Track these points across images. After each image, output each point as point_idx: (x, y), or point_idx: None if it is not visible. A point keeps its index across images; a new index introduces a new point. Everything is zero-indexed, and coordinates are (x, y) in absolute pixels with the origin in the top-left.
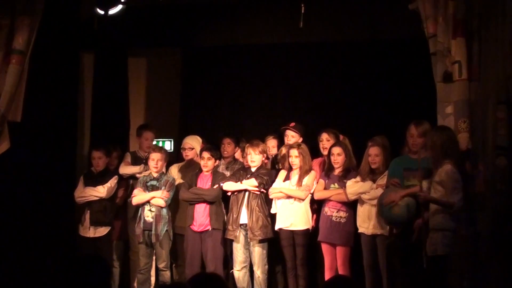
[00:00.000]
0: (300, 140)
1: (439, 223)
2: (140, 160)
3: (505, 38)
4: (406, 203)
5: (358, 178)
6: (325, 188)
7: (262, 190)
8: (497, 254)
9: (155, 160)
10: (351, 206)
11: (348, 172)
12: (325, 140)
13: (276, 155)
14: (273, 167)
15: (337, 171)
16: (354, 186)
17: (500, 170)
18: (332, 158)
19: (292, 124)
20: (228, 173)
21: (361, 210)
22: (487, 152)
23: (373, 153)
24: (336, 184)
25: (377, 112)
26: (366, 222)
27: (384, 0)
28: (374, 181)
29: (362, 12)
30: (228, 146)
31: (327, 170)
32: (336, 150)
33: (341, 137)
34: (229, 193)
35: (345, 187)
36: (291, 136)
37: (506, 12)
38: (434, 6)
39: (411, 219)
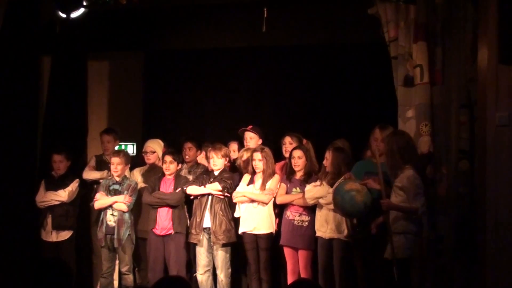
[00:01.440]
0: (260, 142)
1: (401, 227)
2: (105, 163)
3: (466, 42)
4: (367, 194)
5: (318, 182)
6: (287, 192)
7: (226, 194)
8: (459, 257)
9: (115, 164)
10: (313, 210)
11: (310, 176)
12: (288, 144)
13: (235, 159)
14: (233, 171)
15: (298, 175)
16: (312, 191)
17: (462, 174)
18: (292, 161)
19: (250, 126)
20: (190, 177)
21: (319, 214)
22: (450, 156)
23: (325, 156)
24: (298, 188)
25: (339, 116)
26: (324, 226)
27: (345, 4)
28: (332, 185)
29: (324, 16)
30: (189, 151)
31: (288, 173)
32: (297, 153)
33: (304, 141)
34: (192, 197)
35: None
36: (250, 138)
37: (467, 17)
38: (396, 10)
39: (368, 211)
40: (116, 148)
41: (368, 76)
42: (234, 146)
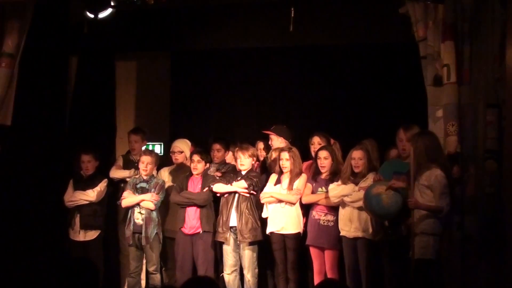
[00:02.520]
0: (285, 141)
1: (428, 228)
2: (132, 163)
3: (494, 42)
4: (395, 195)
5: (340, 182)
6: (312, 192)
7: (252, 192)
8: (487, 257)
9: (145, 163)
10: (338, 210)
11: (335, 175)
12: (317, 144)
13: (265, 159)
14: (263, 171)
15: (324, 175)
16: (337, 189)
17: (490, 174)
18: (318, 161)
19: (273, 127)
20: (219, 173)
21: (343, 213)
22: (477, 156)
23: (357, 157)
24: (323, 187)
25: (368, 116)
26: (348, 225)
27: (375, 3)
28: (356, 184)
29: (352, 15)
30: (217, 152)
31: (314, 173)
32: (323, 153)
33: (332, 141)
34: (218, 195)
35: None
36: (272, 140)
37: (496, 17)
38: (424, 10)
39: (398, 213)
40: (143, 148)
41: (399, 76)
42: (261, 145)
